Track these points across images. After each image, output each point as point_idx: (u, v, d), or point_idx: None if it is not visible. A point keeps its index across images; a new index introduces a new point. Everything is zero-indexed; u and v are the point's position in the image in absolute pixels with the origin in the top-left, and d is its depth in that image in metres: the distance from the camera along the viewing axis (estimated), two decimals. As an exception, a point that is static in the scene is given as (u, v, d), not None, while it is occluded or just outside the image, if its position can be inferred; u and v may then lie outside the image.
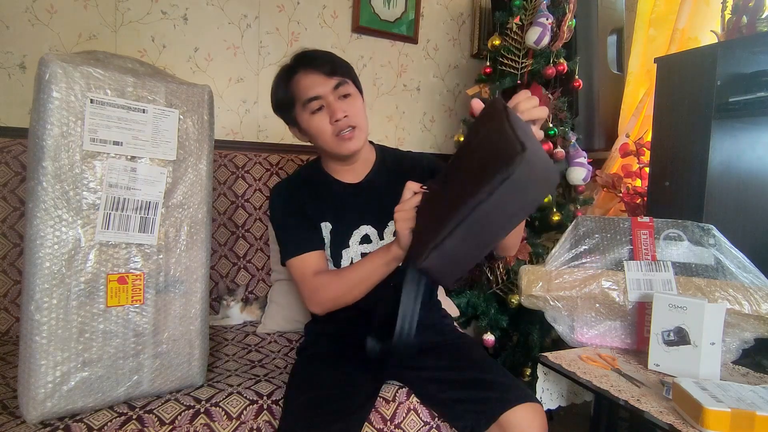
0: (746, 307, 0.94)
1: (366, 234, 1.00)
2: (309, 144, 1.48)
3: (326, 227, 1.00)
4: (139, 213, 0.85)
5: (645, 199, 1.56)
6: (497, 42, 1.69)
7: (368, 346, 0.78)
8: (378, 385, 0.96)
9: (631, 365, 0.97)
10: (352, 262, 0.98)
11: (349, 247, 1.00)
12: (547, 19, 1.54)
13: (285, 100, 0.97)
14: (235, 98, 1.72)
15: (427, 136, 2.14)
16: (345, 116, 0.93)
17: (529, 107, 0.69)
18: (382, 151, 1.09)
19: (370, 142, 1.08)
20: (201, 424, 0.87)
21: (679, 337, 0.90)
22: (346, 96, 0.95)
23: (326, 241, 1.00)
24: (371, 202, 1.01)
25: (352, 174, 1.04)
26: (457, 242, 0.64)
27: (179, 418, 0.86)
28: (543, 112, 0.69)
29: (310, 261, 0.96)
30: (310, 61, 0.95)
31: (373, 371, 0.96)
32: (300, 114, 0.96)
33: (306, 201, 1.01)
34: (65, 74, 0.78)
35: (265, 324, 1.35)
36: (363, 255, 0.98)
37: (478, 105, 0.72)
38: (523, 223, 0.86)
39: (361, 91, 1.01)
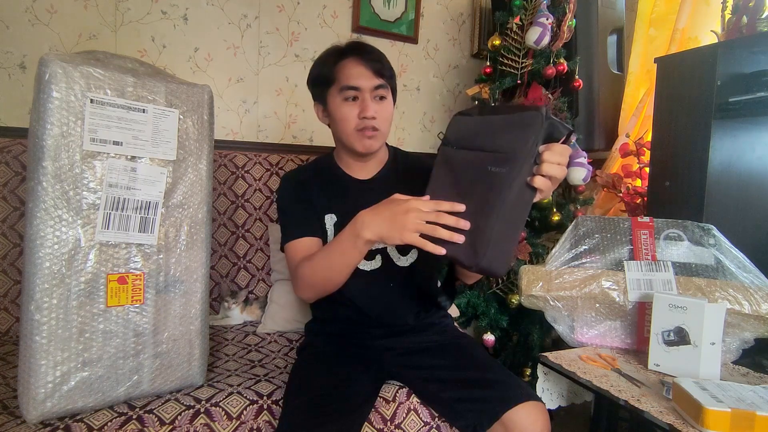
0: (746, 307, 0.94)
1: None
2: (309, 144, 1.49)
3: (331, 219, 1.00)
4: (139, 213, 0.85)
5: (645, 199, 1.56)
6: (497, 42, 1.69)
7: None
8: (378, 385, 0.97)
9: (631, 365, 0.97)
10: None
11: None
12: (547, 19, 1.54)
13: (324, 77, 0.97)
14: (235, 98, 1.72)
15: (427, 136, 2.14)
16: (374, 117, 0.94)
17: (553, 161, 0.70)
18: (395, 151, 1.10)
19: (385, 143, 1.09)
20: (201, 424, 0.87)
21: (679, 337, 0.90)
22: (381, 98, 0.96)
23: (329, 233, 1.00)
24: (378, 200, 1.01)
25: (364, 170, 1.04)
26: (501, 227, 0.72)
27: (179, 418, 0.86)
28: (561, 172, 0.71)
29: (301, 246, 0.96)
30: (363, 53, 0.96)
31: (373, 371, 0.96)
32: (333, 96, 0.97)
33: (314, 191, 1.01)
34: (65, 74, 0.78)
35: (265, 324, 1.35)
36: None
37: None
38: None
39: (395, 100, 1.02)
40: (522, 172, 0.71)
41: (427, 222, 0.74)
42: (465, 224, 0.72)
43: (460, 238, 0.72)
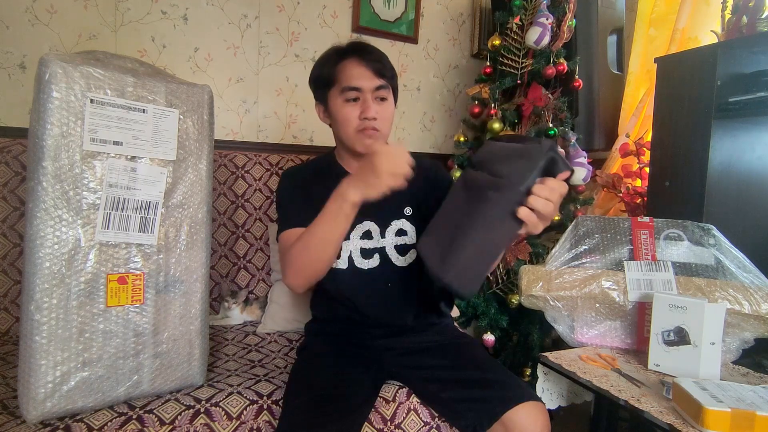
0: (746, 307, 0.94)
1: (368, 230, 1.00)
2: (309, 144, 1.47)
3: None
4: (139, 213, 0.85)
5: (645, 199, 1.56)
6: (497, 42, 1.69)
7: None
8: (378, 385, 0.97)
9: (631, 365, 0.97)
10: (350, 256, 0.98)
11: (349, 239, 1.00)
12: (547, 19, 1.54)
13: (326, 78, 0.97)
14: (235, 98, 1.72)
15: (427, 136, 2.14)
16: (375, 118, 0.94)
17: (541, 195, 0.70)
18: None
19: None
20: (201, 424, 0.87)
21: (679, 337, 0.90)
22: (382, 99, 0.96)
23: None
24: (377, 199, 1.02)
25: None
26: (473, 249, 0.73)
27: (179, 418, 0.86)
28: (546, 208, 0.70)
29: (295, 235, 0.94)
30: (364, 53, 0.96)
31: (373, 371, 0.96)
32: (334, 97, 0.97)
33: (314, 188, 1.01)
34: (65, 74, 0.78)
35: (265, 324, 1.35)
36: (362, 250, 0.99)
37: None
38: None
39: (396, 100, 1.02)
40: (508, 199, 0.72)
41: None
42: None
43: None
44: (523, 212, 0.71)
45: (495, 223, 0.73)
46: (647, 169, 1.49)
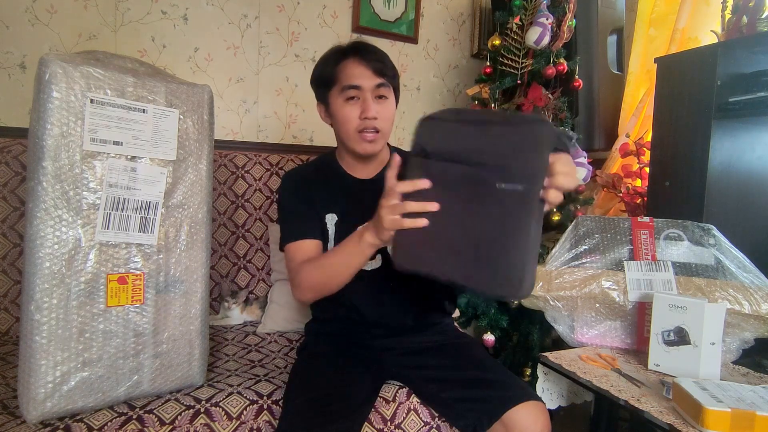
0: (746, 307, 0.94)
1: None
2: (309, 144, 1.46)
3: (332, 218, 1.00)
4: (139, 213, 0.85)
5: (645, 199, 1.56)
6: (497, 42, 1.69)
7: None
8: (378, 385, 0.97)
9: (631, 365, 0.97)
10: None
11: None
12: (547, 19, 1.54)
13: (326, 77, 0.97)
14: (235, 98, 1.72)
15: (427, 136, 2.14)
16: (375, 118, 0.94)
17: (565, 172, 0.67)
18: (396, 152, 1.09)
19: (387, 143, 1.09)
20: (201, 424, 0.87)
21: (679, 337, 0.90)
22: (383, 98, 0.96)
23: (330, 232, 1.00)
24: (378, 200, 1.02)
25: (365, 170, 1.04)
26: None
27: (179, 418, 0.86)
28: (573, 183, 0.69)
29: (303, 248, 0.96)
30: (364, 53, 0.96)
31: (373, 371, 0.96)
32: (334, 96, 0.97)
33: (316, 190, 1.01)
34: (65, 74, 0.78)
35: (265, 324, 1.35)
36: None
37: None
38: None
39: (397, 99, 1.02)
40: (535, 192, 0.67)
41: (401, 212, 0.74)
42: (433, 206, 0.71)
43: (423, 222, 0.71)
44: (552, 194, 0.68)
45: (538, 217, 0.70)
46: (647, 169, 1.49)
